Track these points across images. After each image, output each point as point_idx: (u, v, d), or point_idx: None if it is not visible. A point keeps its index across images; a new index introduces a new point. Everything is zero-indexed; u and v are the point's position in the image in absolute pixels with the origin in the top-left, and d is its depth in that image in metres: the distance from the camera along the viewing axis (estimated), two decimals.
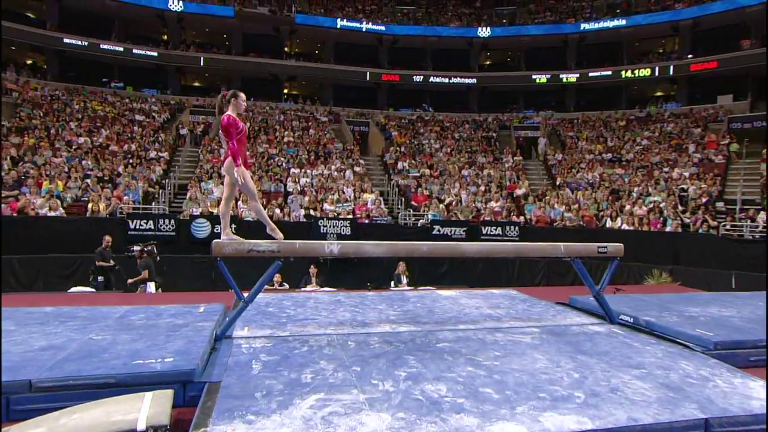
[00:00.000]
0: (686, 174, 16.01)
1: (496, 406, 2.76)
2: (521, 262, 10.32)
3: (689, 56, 24.80)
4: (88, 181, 11.36)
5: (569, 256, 4.59)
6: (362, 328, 4.42)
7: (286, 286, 7.91)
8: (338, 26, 26.81)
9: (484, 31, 27.12)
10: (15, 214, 8.87)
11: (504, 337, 4.20)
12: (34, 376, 2.72)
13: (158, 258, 7.95)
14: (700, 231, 10.77)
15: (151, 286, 7.43)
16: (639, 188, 14.61)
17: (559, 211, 12.22)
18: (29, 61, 23.62)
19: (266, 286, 7.77)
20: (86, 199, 10.48)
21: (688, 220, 11.95)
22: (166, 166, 15.71)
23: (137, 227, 9.25)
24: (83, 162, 13.69)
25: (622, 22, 25.82)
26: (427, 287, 7.84)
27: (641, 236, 10.94)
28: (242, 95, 4.33)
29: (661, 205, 12.66)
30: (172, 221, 9.49)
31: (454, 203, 13.19)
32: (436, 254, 4.21)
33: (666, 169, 16.86)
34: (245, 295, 4.02)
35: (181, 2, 24.10)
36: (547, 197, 13.44)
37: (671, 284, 8.76)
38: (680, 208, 12.79)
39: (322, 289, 7.55)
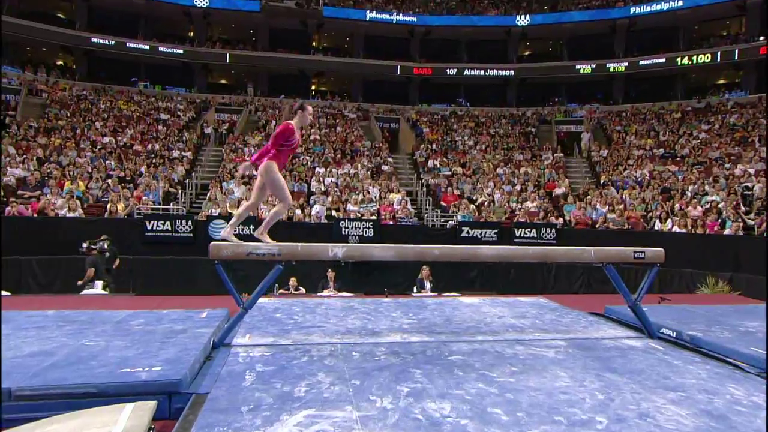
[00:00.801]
0: (751, 170, 15.05)
1: (503, 429, 2.58)
2: (558, 267, 9.95)
3: (759, 38, 23.33)
4: (109, 181, 11.77)
5: (601, 261, 4.33)
6: (371, 337, 4.32)
7: (303, 290, 7.91)
8: (367, 18, 26.87)
9: (522, 20, 26.53)
10: (35, 215, 9.30)
11: (525, 350, 4.00)
12: (16, 384, 2.75)
13: (116, 255, 7.88)
14: (766, 234, 10.07)
15: (99, 285, 7.40)
16: (694, 187, 13.86)
17: (601, 211, 11.73)
18: (59, 62, 24.86)
19: (282, 291, 7.84)
20: (107, 199, 10.86)
21: (752, 222, 11.21)
22: (189, 165, 16.12)
23: (154, 228, 9.50)
24: (107, 162, 14.23)
25: (679, 3, 24.64)
26: (452, 294, 7.67)
27: (695, 240, 10.34)
28: (310, 108, 4.49)
29: (720, 206, 11.94)
30: (190, 222, 9.70)
31: (486, 203, 12.90)
32: (450, 258, 4.06)
33: (727, 166, 15.93)
34: (248, 300, 3.99)
35: None
36: (588, 197, 12.94)
37: (729, 294, 8.21)
38: (743, 208, 12.02)
39: (339, 294, 7.50)
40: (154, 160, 15.43)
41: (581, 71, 26.23)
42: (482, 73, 26.90)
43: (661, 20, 25.69)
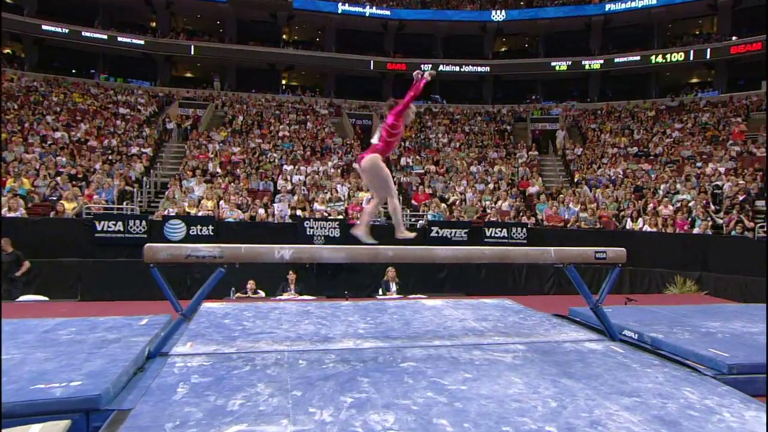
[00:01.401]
0: (722, 169, 15.48)
1: None
2: (529, 268, 10.00)
3: (731, 38, 24.05)
4: (59, 179, 11.32)
5: (561, 262, 4.30)
6: (322, 343, 4.19)
7: (262, 293, 7.72)
8: (339, 11, 26.69)
9: (498, 15, 26.75)
10: None
11: (482, 355, 3.93)
12: None
13: (21, 260, 7.50)
14: (733, 233, 10.32)
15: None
16: (666, 185, 14.15)
17: (573, 210, 11.85)
18: (7, 51, 23.87)
19: (239, 294, 7.64)
20: (55, 198, 10.43)
21: (720, 221, 11.50)
22: (149, 163, 15.67)
23: (105, 229, 9.14)
24: (57, 158, 13.69)
25: (653, 1, 25.23)
26: (419, 296, 7.59)
27: (665, 239, 10.54)
28: (413, 107, 4.37)
29: (690, 204, 12.21)
30: (144, 222, 9.38)
31: (458, 202, 12.90)
32: (403, 260, 3.97)
33: (699, 164, 16.35)
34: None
35: None
36: (561, 195, 13.08)
37: (697, 294, 8.37)
38: (713, 207, 12.33)
39: (299, 297, 7.34)
40: (110, 157, 14.94)
41: (557, 68, 26.61)
42: (457, 69, 27.02)
43: (636, 18, 26.29)
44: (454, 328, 4.79)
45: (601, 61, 26.20)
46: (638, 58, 25.93)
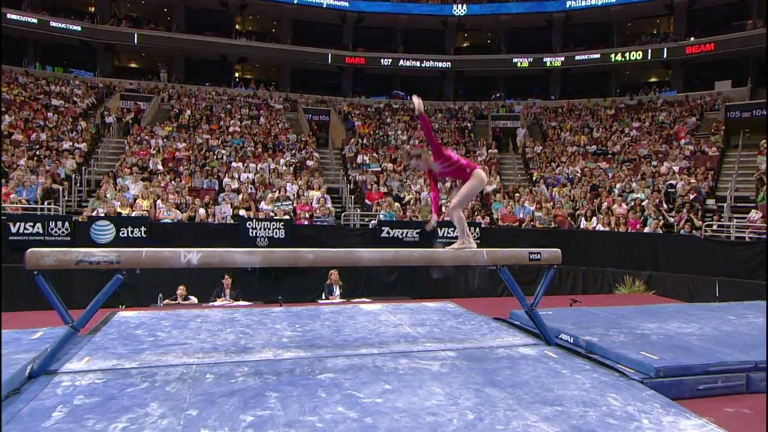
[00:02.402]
0: (676, 168, 16.03)
1: None
2: (482, 269, 10.03)
3: (687, 38, 24.99)
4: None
5: (494, 264, 4.24)
6: (238, 355, 3.99)
7: (194, 299, 7.42)
8: (295, 1, 26.28)
9: (459, 9, 26.96)
10: None
11: (408, 363, 3.83)
12: None
13: None
14: (682, 232, 10.66)
15: None
16: (622, 184, 14.53)
17: (529, 209, 12.00)
18: None
19: (168, 301, 7.30)
20: None
21: (672, 220, 11.87)
22: (83, 159, 14.95)
23: (21, 231, 8.59)
24: None
25: None
26: (363, 299, 7.47)
27: (617, 238, 10.79)
28: (426, 156, 4.38)
29: (644, 203, 12.56)
30: (66, 224, 8.87)
31: (413, 201, 12.85)
32: (326, 263, 3.82)
33: (654, 163, 16.88)
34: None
35: None
36: (517, 194, 13.23)
37: (644, 293, 8.58)
38: (665, 206, 12.71)
39: (234, 303, 7.08)
40: (37, 153, 14.16)
41: (519, 65, 27.04)
42: (418, 64, 27.09)
43: (596, 15, 27.00)
44: (387, 335, 4.68)
45: (562, 59, 26.78)
46: (598, 56, 26.62)
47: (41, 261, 3.34)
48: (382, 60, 27.27)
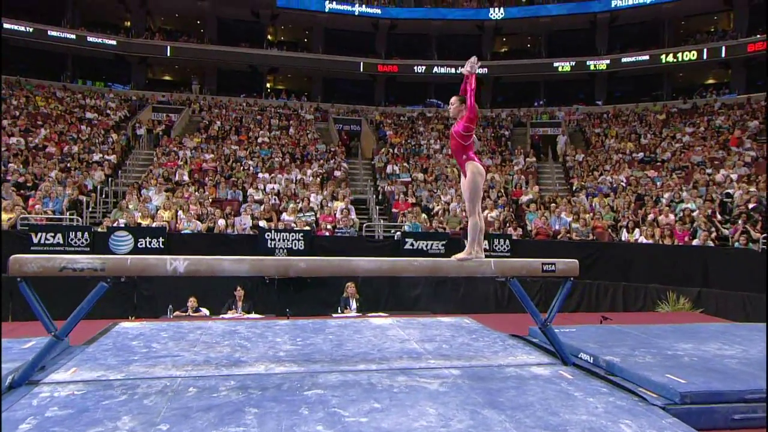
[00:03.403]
0: (734, 176, 15.20)
1: None
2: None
3: (749, 36, 23.84)
4: (4, 187, 11.17)
5: (503, 275, 4.06)
6: (228, 368, 3.95)
7: (205, 311, 7.48)
8: (327, 9, 26.71)
9: (496, 13, 26.74)
10: None
11: (406, 381, 3.69)
12: None
13: None
14: (737, 245, 10.03)
15: None
16: (671, 193, 13.88)
17: (565, 221, 11.60)
18: None
19: (178, 313, 7.39)
20: None
21: (727, 232, 11.21)
22: (111, 170, 15.53)
23: (42, 241, 8.95)
24: (9, 165, 13.57)
25: None
26: (379, 314, 7.34)
27: (662, 251, 10.25)
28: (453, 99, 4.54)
29: (694, 214, 11.93)
30: (86, 234, 9.18)
31: (441, 212, 12.67)
32: (318, 272, 3.74)
33: (709, 171, 16.08)
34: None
35: None
36: (553, 204, 12.83)
37: (690, 312, 8.07)
38: (719, 217, 12.03)
39: (246, 316, 7.10)
40: (68, 164, 14.81)
41: (560, 69, 26.50)
42: (453, 71, 26.90)
43: (645, 14, 26.19)
44: (391, 350, 4.55)
45: (608, 61, 26.08)
46: (647, 57, 25.77)
47: (24, 268, 3.40)
48: (415, 68, 27.30)
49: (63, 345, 4.33)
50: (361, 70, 27.34)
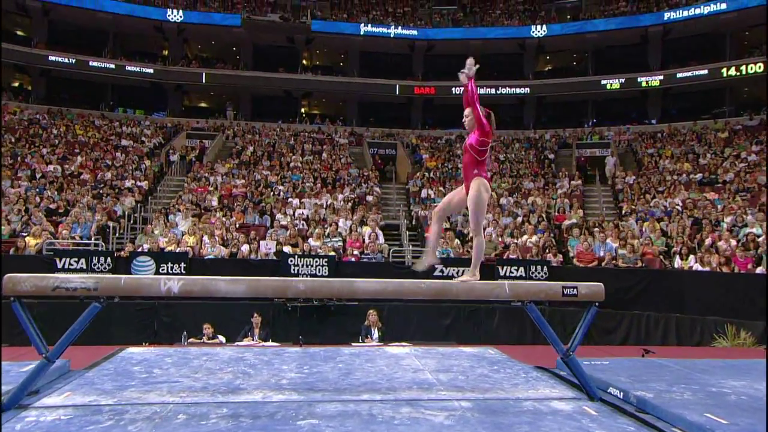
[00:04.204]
0: None
1: None
2: (552, 312, 9.36)
3: None
4: (35, 213, 11.75)
5: (519, 299, 3.89)
6: (224, 395, 3.93)
7: (221, 339, 7.52)
8: (362, 32, 27.33)
9: (539, 30, 26.67)
10: None
11: (410, 412, 3.56)
12: None
13: None
14: (766, 270, 9.39)
15: None
16: (733, 217, 13.20)
17: (611, 246, 11.17)
18: (16, 84, 25.68)
19: (192, 340, 7.47)
20: (25, 234, 10.78)
21: None
22: (142, 197, 16.13)
23: (66, 267, 9.31)
24: (45, 192, 14.30)
25: (722, 6, 24.33)
26: (400, 344, 7.20)
27: (721, 280, 9.69)
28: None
29: (759, 239, 11.27)
30: (108, 259, 9.50)
31: None
32: (317, 294, 3.69)
33: None
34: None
35: (180, 12, 25.61)
36: (596, 229, 12.41)
37: (753, 348, 7.53)
38: None
39: (261, 343, 7.09)
40: (101, 191, 15.48)
41: (609, 87, 26.02)
42: (493, 91, 26.88)
43: (702, 26, 25.47)
44: (401, 380, 4.42)
45: (661, 77, 25.43)
46: (706, 71, 24.97)
47: (18, 287, 3.50)
48: (453, 89, 27.32)
49: (62, 369, 4.43)
50: (397, 92, 27.68)
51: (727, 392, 3.98)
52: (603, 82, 25.99)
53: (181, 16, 25.57)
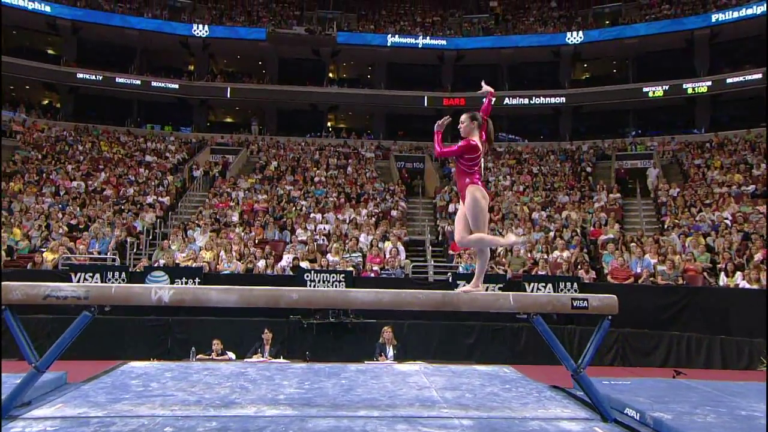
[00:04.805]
0: None
1: None
2: (582, 332, 9.11)
3: None
4: (55, 229, 12.17)
5: (525, 311, 3.81)
6: (217, 409, 3.96)
7: (231, 355, 7.58)
8: (389, 44, 27.63)
9: (574, 37, 26.45)
10: None
11: (405, 429, 3.52)
12: None
13: None
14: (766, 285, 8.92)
15: None
16: None
17: (648, 262, 10.84)
18: (45, 101, 26.90)
19: (201, 356, 7.56)
20: (45, 249, 11.18)
21: None
22: (164, 212, 16.54)
23: (81, 281, 9.57)
24: (67, 208, 14.83)
25: None
26: (416, 362, 7.12)
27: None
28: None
29: None
30: (123, 274, 9.74)
31: (502, 253, 12.29)
32: (310, 303, 3.69)
33: None
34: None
35: (206, 27, 26.45)
36: (633, 243, 12.07)
37: None
38: None
39: (270, 360, 7.13)
40: (122, 207, 15.95)
41: (651, 95, 25.52)
42: (527, 101, 26.71)
43: (753, 27, 24.67)
44: (403, 397, 4.38)
45: (709, 83, 24.81)
46: (759, 76, 24.20)
47: (9, 295, 3.62)
48: (483, 100, 27.30)
49: (58, 381, 4.54)
50: (426, 104, 27.74)
51: (758, 416, 3.78)
52: (645, 89, 25.50)
53: (206, 31, 26.40)
